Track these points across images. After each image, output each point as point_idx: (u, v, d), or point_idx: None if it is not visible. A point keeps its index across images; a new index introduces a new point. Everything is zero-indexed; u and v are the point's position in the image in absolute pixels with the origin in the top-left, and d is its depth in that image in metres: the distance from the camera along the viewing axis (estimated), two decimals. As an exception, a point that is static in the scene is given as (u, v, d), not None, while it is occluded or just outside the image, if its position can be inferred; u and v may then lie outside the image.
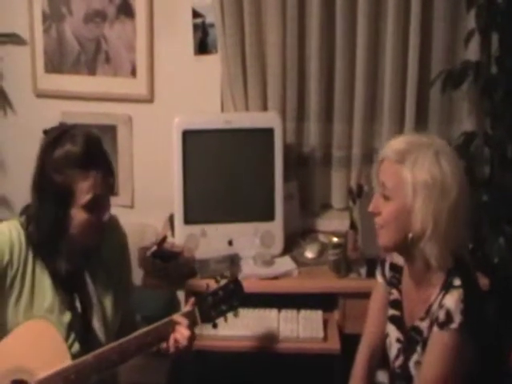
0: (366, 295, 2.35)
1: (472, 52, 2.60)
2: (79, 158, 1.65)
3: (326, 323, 2.40)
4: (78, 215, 1.68)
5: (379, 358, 1.96)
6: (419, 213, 1.63)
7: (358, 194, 2.67)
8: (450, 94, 2.65)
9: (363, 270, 2.45)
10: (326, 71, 2.72)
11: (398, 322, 1.84)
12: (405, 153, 1.66)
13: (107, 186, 1.71)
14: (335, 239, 2.48)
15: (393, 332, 1.85)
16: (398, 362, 1.83)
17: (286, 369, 2.44)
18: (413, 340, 1.77)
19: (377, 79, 2.74)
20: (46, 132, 1.73)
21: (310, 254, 2.58)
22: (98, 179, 1.67)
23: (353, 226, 2.58)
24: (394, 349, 1.85)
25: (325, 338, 2.34)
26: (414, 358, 1.76)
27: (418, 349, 1.75)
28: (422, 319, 1.73)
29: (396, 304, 1.86)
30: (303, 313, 2.42)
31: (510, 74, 2.48)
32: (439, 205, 1.63)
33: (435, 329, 1.67)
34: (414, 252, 1.70)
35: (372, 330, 1.97)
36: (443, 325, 1.65)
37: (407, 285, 1.83)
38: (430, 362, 1.68)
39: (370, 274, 2.42)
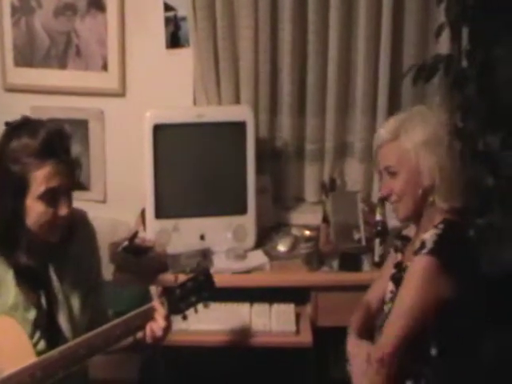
0: (338, 288, 2.38)
1: (443, 46, 2.62)
2: (36, 148, 1.62)
3: (298, 317, 2.40)
4: (34, 207, 1.65)
5: (373, 319, 1.99)
6: (425, 168, 1.78)
7: (331, 188, 2.68)
8: (421, 88, 2.66)
9: (335, 264, 2.45)
10: (299, 65, 2.71)
11: (395, 279, 1.90)
12: (395, 129, 1.82)
13: (65, 178, 1.67)
14: (308, 233, 2.48)
15: (390, 286, 1.93)
16: (388, 308, 1.89)
17: (258, 363, 2.44)
18: (401, 278, 1.83)
19: (349, 72, 2.74)
20: (7, 124, 1.71)
21: (282, 247, 2.57)
22: (54, 171, 1.64)
23: (325, 219, 2.58)
24: (387, 300, 1.92)
25: (297, 332, 2.34)
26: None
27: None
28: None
29: (398, 265, 1.94)
30: (275, 307, 2.42)
31: (481, 68, 2.50)
32: (439, 154, 1.78)
33: (411, 256, 1.77)
34: (427, 211, 1.82)
35: (373, 293, 2.03)
36: (416, 252, 1.75)
37: (410, 250, 1.89)
38: (403, 286, 1.78)
39: (343, 268, 2.44)
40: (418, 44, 2.68)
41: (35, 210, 1.66)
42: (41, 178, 1.63)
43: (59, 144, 1.67)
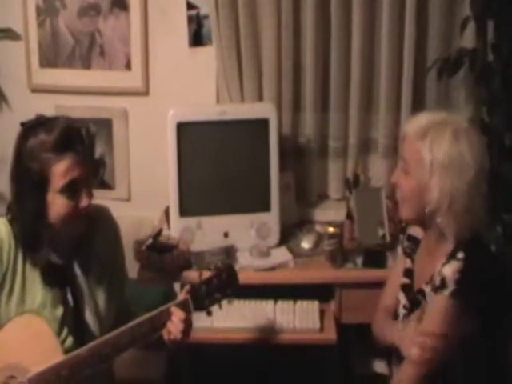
0: (362, 285, 2.36)
1: (468, 39, 2.58)
2: (52, 143, 1.64)
3: (322, 314, 2.39)
4: (56, 201, 1.67)
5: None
6: (434, 190, 1.70)
7: (355, 184, 2.66)
8: (446, 82, 2.63)
9: (359, 260, 2.44)
10: (322, 61, 2.70)
11: (407, 289, 1.88)
12: (424, 131, 1.73)
13: (84, 169, 1.68)
14: (331, 229, 2.47)
15: (402, 299, 1.90)
16: (402, 326, 1.86)
17: (282, 360, 2.44)
18: (417, 302, 1.81)
19: (373, 68, 2.72)
20: (22, 124, 1.73)
21: (306, 244, 2.57)
22: (73, 163, 1.65)
23: (349, 216, 2.57)
24: (400, 315, 1.89)
25: (321, 329, 2.33)
26: (412, 318, 1.81)
27: (417, 311, 1.80)
28: (427, 283, 1.77)
29: (408, 273, 1.90)
30: (299, 304, 2.41)
31: (506, 61, 2.46)
32: (455, 183, 1.69)
33: (432, 293, 1.74)
34: (431, 225, 1.77)
35: (387, 300, 2.01)
36: (437, 289, 1.71)
37: (421, 255, 1.88)
38: (424, 324, 1.74)
39: (367, 264, 2.43)
40: (443, 38, 2.65)
41: (57, 204, 1.67)
42: (60, 171, 1.65)
43: (75, 136, 1.68)
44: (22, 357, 1.65)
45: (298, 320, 2.35)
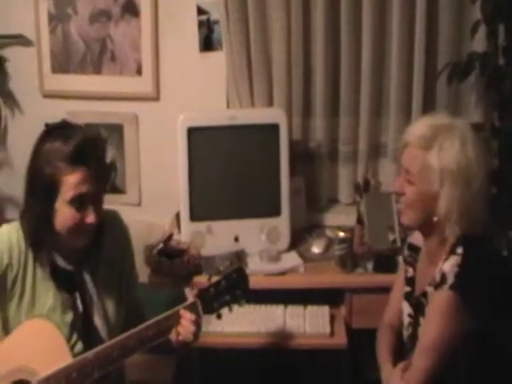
0: (372, 290, 2.36)
1: (478, 43, 2.57)
2: (67, 154, 1.64)
3: (332, 318, 2.39)
4: (63, 210, 1.68)
5: (399, 335, 1.96)
6: (445, 200, 1.68)
7: (365, 189, 2.66)
8: (456, 86, 2.62)
9: (370, 265, 2.43)
10: (332, 66, 2.70)
11: (410, 297, 1.87)
12: (430, 139, 1.70)
13: (94, 186, 1.68)
14: (342, 234, 2.46)
15: (406, 308, 1.89)
16: (407, 333, 1.86)
17: (292, 365, 2.43)
18: (420, 306, 1.80)
19: (383, 72, 2.72)
20: (47, 125, 1.74)
21: (316, 249, 2.57)
22: (85, 177, 1.66)
23: (359, 220, 2.56)
24: (405, 322, 1.88)
25: (331, 334, 2.33)
26: (421, 323, 1.80)
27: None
28: (430, 284, 1.76)
29: (410, 281, 1.89)
30: (310, 308, 2.41)
31: (517, 65, 2.46)
32: (464, 191, 1.68)
33: (432, 290, 1.72)
34: (434, 231, 1.75)
35: (391, 310, 2.01)
36: (437, 286, 1.70)
37: (422, 262, 1.87)
38: (426, 322, 1.74)
39: (377, 269, 2.42)
40: (453, 42, 2.64)
41: (63, 214, 1.68)
42: (70, 183, 1.65)
43: (91, 151, 1.68)
44: (32, 360, 1.66)
45: (309, 325, 2.35)
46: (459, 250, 1.71)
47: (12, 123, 2.91)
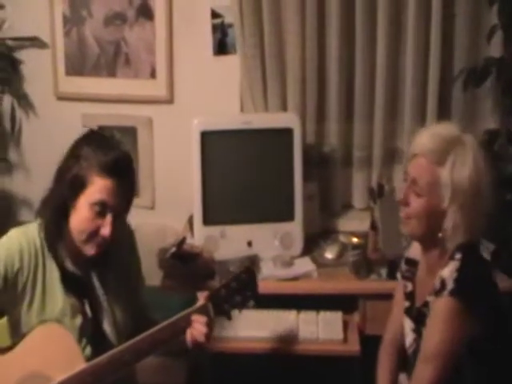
0: (386, 296, 2.32)
1: (495, 48, 2.56)
2: (106, 162, 1.66)
3: (345, 325, 2.37)
4: (82, 210, 1.68)
5: (401, 353, 1.94)
6: (453, 218, 1.67)
7: (379, 194, 2.64)
8: (472, 92, 2.60)
9: (384, 271, 2.42)
10: (346, 70, 2.69)
11: (410, 312, 1.85)
12: (442, 153, 1.68)
13: (119, 201, 1.68)
14: (355, 240, 2.45)
15: (408, 324, 1.86)
16: (412, 349, 1.83)
17: (305, 371, 2.42)
18: (421, 316, 1.77)
19: (397, 77, 2.71)
20: (92, 130, 1.77)
21: (329, 254, 2.55)
22: (112, 187, 1.66)
23: (373, 226, 2.54)
24: (409, 338, 1.85)
25: (345, 340, 2.32)
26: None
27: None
28: (430, 294, 1.74)
29: (410, 296, 1.87)
30: (323, 314, 2.40)
31: (535, 71, 2.44)
32: (473, 208, 1.66)
33: (433, 298, 1.70)
34: (436, 244, 1.73)
35: (393, 327, 1.98)
36: (438, 292, 1.68)
37: (421, 275, 1.85)
38: (428, 329, 1.71)
39: (391, 275, 2.40)
40: (469, 47, 2.62)
41: (81, 214, 1.69)
42: (100, 185, 1.66)
43: (125, 168, 1.71)
44: (45, 365, 1.66)
45: (322, 331, 2.33)
46: (457, 256, 1.70)
47: (26, 125, 2.91)
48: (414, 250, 1.89)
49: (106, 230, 1.68)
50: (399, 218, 1.82)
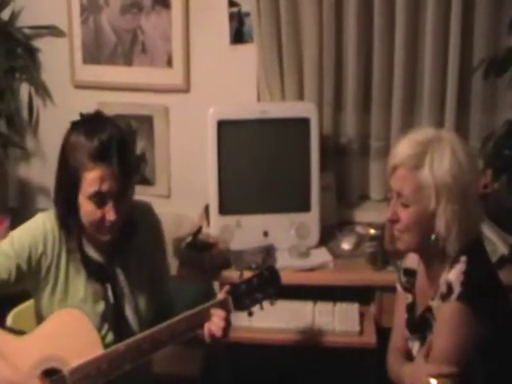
0: (403, 289, 2.31)
1: (516, 38, 2.52)
2: (90, 150, 1.64)
3: (362, 316, 2.36)
4: (84, 204, 1.68)
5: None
6: (443, 217, 1.63)
7: (396, 185, 2.61)
8: (492, 82, 2.57)
9: (400, 263, 2.39)
10: (364, 59, 2.66)
11: (410, 324, 1.83)
12: (418, 156, 1.64)
13: (115, 184, 1.65)
14: (372, 231, 2.44)
15: (409, 336, 1.84)
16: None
17: (320, 362, 2.41)
18: (426, 320, 1.74)
19: (416, 67, 2.67)
20: (81, 115, 1.74)
21: (346, 245, 2.54)
22: (104, 175, 1.64)
23: (391, 217, 2.52)
24: (416, 347, 1.82)
25: (361, 332, 2.30)
26: (418, 355, 1.75)
27: (422, 348, 1.74)
28: (433, 299, 1.72)
29: (410, 307, 1.85)
30: (339, 305, 2.39)
31: (557, 61, 2.39)
32: (462, 203, 1.63)
33: (439, 303, 1.67)
34: (433, 251, 1.70)
35: (396, 341, 1.95)
36: (445, 297, 1.65)
37: (421, 284, 1.82)
38: (436, 335, 1.68)
39: (408, 267, 2.38)
40: (490, 37, 2.57)
41: (84, 208, 1.69)
42: (90, 179, 1.64)
43: (115, 150, 1.65)
44: (63, 349, 1.67)
45: (338, 322, 2.32)
46: (462, 258, 1.66)
47: (44, 113, 2.92)
48: (411, 260, 1.87)
49: (110, 216, 1.67)
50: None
